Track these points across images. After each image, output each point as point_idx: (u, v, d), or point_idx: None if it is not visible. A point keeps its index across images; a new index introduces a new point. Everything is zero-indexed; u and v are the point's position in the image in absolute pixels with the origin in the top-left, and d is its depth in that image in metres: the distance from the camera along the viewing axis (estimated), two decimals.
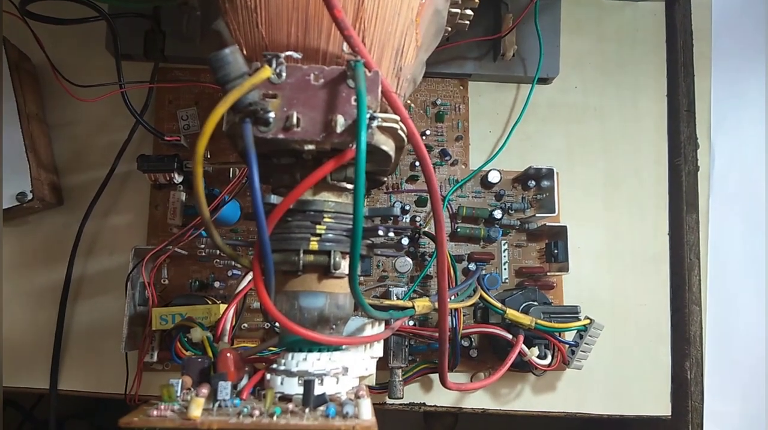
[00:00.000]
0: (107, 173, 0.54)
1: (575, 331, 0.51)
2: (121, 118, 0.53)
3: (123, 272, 0.50)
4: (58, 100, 0.55)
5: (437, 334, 0.46)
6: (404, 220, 0.55)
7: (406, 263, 0.55)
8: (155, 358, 0.50)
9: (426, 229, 0.55)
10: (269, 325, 0.51)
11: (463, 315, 0.53)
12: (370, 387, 0.52)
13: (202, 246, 0.53)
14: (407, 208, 0.55)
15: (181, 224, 0.52)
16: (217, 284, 0.53)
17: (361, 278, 0.55)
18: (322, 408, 0.27)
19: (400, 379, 0.50)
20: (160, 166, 0.51)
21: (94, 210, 0.54)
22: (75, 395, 0.54)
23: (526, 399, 0.55)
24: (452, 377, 0.53)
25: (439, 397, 0.55)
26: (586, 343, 0.50)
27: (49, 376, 0.53)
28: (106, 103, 0.52)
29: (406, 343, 0.51)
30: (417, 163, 0.56)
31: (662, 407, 0.56)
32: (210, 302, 0.49)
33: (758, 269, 0.59)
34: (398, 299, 0.50)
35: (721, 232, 0.59)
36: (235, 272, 0.53)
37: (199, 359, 0.30)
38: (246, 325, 0.53)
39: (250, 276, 0.44)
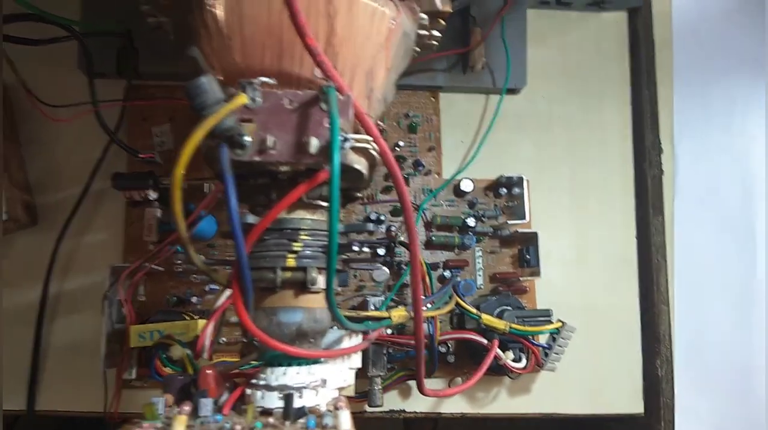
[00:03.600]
0: (81, 192, 0.54)
1: (548, 334, 0.52)
2: (94, 136, 0.53)
3: (99, 290, 0.50)
4: (31, 119, 0.55)
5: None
6: (380, 230, 0.56)
7: (382, 273, 0.56)
8: (134, 375, 0.50)
9: (402, 238, 0.56)
10: (248, 339, 0.52)
11: (440, 322, 0.54)
12: (349, 396, 0.52)
13: (179, 262, 0.53)
14: (382, 218, 0.56)
15: (157, 240, 0.52)
16: (194, 300, 0.53)
17: (339, 289, 0.55)
18: (302, 421, 0.28)
19: (379, 387, 0.51)
20: (134, 183, 0.51)
21: (69, 229, 0.54)
22: (53, 415, 0.53)
23: (502, 402, 0.56)
24: (430, 383, 0.54)
25: (418, 403, 0.56)
26: (558, 345, 0.52)
27: (26, 396, 0.52)
28: (80, 121, 0.52)
29: (385, 351, 0.51)
30: None
31: (635, 405, 0.58)
32: (188, 318, 0.49)
33: (722, 268, 0.62)
34: (376, 308, 0.51)
35: (686, 233, 0.61)
36: (212, 287, 0.53)
37: (180, 377, 0.31)
38: (225, 339, 0.53)
39: (228, 292, 0.44)
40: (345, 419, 0.28)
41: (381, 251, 0.55)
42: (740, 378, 0.61)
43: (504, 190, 0.58)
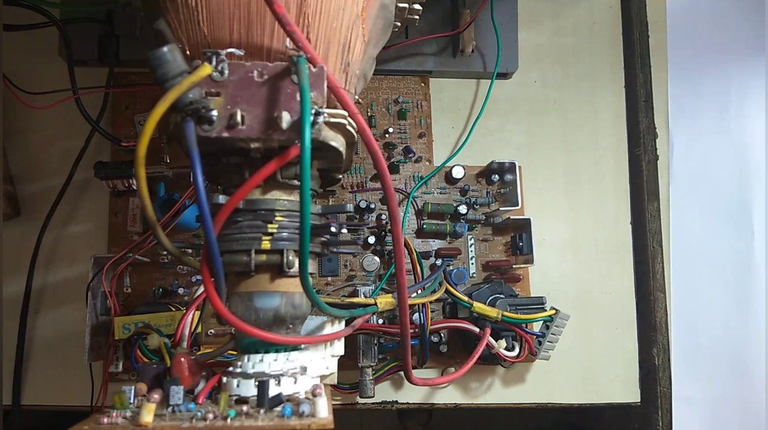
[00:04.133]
0: (65, 182, 0.53)
1: (541, 322, 0.51)
2: (77, 125, 0.52)
3: (84, 281, 0.49)
4: (11, 108, 0.54)
5: None
6: (370, 218, 0.55)
7: (373, 262, 0.55)
8: (120, 368, 0.49)
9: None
10: (234, 330, 0.51)
11: (432, 311, 0.53)
12: (340, 387, 0.51)
13: (164, 253, 0.52)
14: (372, 206, 0.55)
15: (142, 230, 0.52)
16: (181, 291, 0.52)
17: (329, 278, 0.55)
18: (278, 409, 0.27)
19: (371, 378, 0.50)
20: (117, 172, 0.50)
21: (52, 220, 0.53)
22: (39, 409, 0.53)
23: (496, 392, 0.55)
24: (423, 373, 0.53)
25: (411, 394, 0.55)
26: (552, 333, 0.51)
27: (11, 391, 0.52)
28: (62, 110, 0.51)
29: (375, 341, 0.50)
30: None
31: (632, 394, 0.57)
32: (174, 309, 0.48)
33: (719, 254, 0.61)
34: (366, 297, 0.50)
35: (682, 219, 0.60)
36: (198, 277, 0.52)
37: (154, 365, 0.30)
38: (212, 331, 0.52)
39: None
40: (322, 406, 0.27)
41: (371, 240, 0.54)
42: (739, 366, 0.60)
43: (496, 177, 0.56)
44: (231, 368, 0.30)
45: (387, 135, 0.57)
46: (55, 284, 0.53)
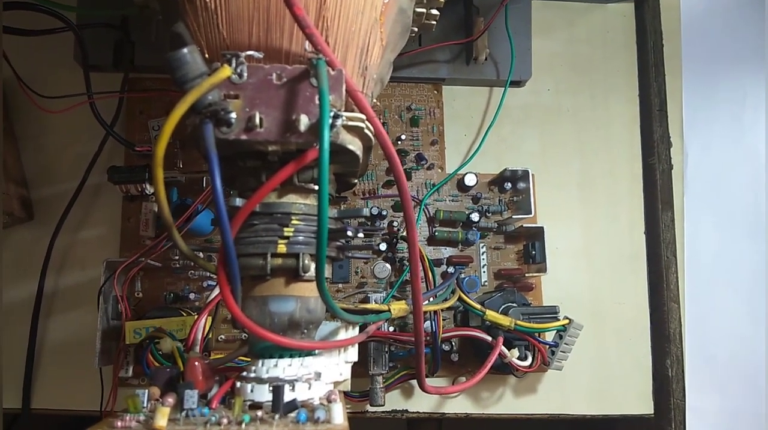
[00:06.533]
0: (78, 186, 0.53)
1: (555, 331, 0.50)
2: (91, 129, 0.52)
3: (95, 286, 0.49)
4: (26, 113, 0.54)
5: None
6: (381, 225, 0.55)
7: (384, 269, 0.55)
8: (130, 373, 0.49)
9: (403, 233, 0.55)
10: (245, 335, 0.51)
11: (444, 319, 0.53)
12: (350, 395, 0.51)
13: (176, 257, 0.52)
14: (384, 213, 0.55)
15: (154, 235, 0.52)
16: (192, 296, 0.52)
17: (340, 285, 0.54)
18: (292, 414, 0.27)
19: (381, 386, 0.50)
20: (131, 177, 0.50)
21: (65, 224, 0.53)
22: (49, 413, 0.52)
23: (508, 402, 0.55)
24: (434, 382, 0.53)
25: (421, 403, 0.54)
26: (565, 343, 0.50)
27: (21, 395, 0.51)
28: (76, 114, 0.51)
29: (386, 349, 0.50)
30: None
31: (645, 406, 0.56)
32: (185, 314, 0.48)
33: (734, 265, 0.60)
34: (378, 304, 0.49)
35: (697, 229, 0.60)
36: (210, 282, 0.52)
37: (167, 369, 0.30)
38: (223, 336, 0.52)
39: None
40: (338, 413, 0.26)
41: (383, 247, 0.54)
42: (753, 378, 0.59)
43: (509, 185, 0.56)
44: (245, 373, 0.30)
45: (400, 142, 0.57)
46: (67, 288, 0.53)
